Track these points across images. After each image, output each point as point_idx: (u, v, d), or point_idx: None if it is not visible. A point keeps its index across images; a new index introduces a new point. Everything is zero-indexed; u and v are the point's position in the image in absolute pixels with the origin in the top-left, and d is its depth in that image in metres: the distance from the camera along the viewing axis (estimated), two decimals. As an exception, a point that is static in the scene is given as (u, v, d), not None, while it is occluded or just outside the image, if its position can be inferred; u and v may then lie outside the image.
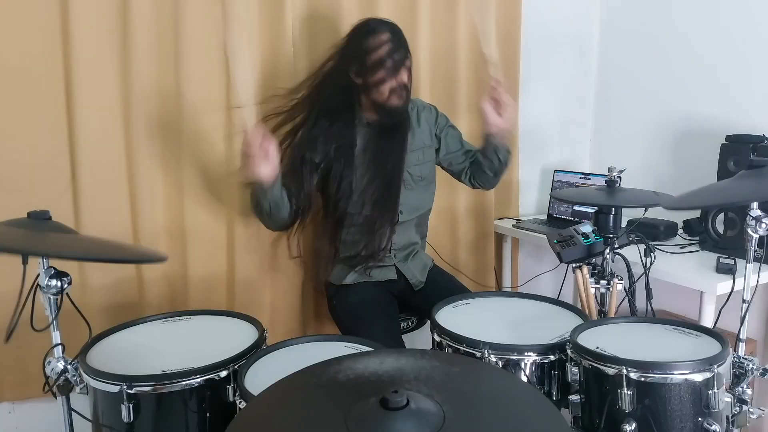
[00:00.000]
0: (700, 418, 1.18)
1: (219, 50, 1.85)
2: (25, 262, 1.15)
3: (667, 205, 1.44)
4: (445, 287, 1.94)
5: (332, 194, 1.84)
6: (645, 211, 1.70)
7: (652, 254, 1.77)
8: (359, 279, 1.89)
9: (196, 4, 1.80)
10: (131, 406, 1.22)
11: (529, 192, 2.76)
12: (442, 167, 2.05)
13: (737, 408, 1.29)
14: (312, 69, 1.88)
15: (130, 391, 1.22)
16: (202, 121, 1.86)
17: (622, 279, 1.74)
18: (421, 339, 2.13)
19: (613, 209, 1.69)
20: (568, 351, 1.33)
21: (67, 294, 1.24)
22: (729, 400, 1.24)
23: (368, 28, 1.77)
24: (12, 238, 1.12)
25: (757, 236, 1.34)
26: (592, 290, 1.72)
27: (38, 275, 1.22)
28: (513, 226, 2.50)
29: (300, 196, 1.79)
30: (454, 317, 1.58)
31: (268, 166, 1.60)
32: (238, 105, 1.58)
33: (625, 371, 1.19)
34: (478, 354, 1.36)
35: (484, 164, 1.90)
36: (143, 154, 1.81)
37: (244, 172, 1.64)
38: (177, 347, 1.43)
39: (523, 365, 1.37)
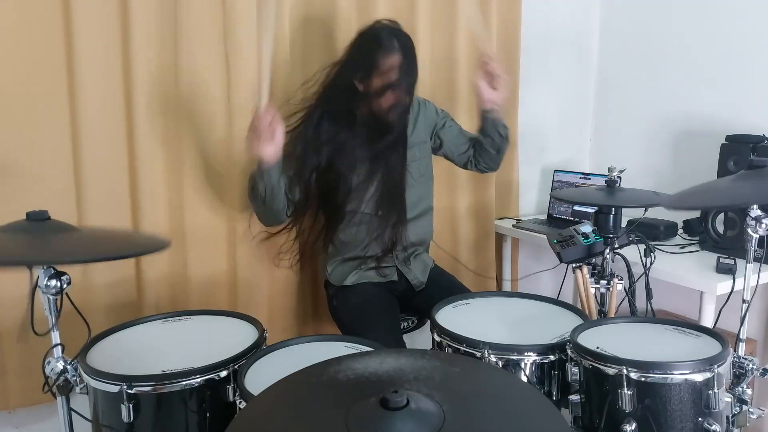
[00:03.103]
0: (700, 418, 1.18)
1: (220, 48, 1.85)
2: (30, 268, 1.15)
3: (665, 205, 1.44)
4: (445, 287, 1.94)
5: (330, 193, 1.84)
6: (645, 211, 1.70)
7: (652, 254, 1.77)
8: (360, 280, 1.89)
9: (196, 8, 1.81)
10: (131, 406, 1.22)
11: (529, 192, 2.76)
12: (447, 158, 2.07)
13: (737, 408, 1.29)
14: (321, 70, 1.87)
15: (130, 391, 1.21)
16: (204, 122, 1.87)
17: (622, 279, 1.74)
18: (421, 339, 2.13)
19: (613, 209, 1.69)
20: (568, 351, 1.33)
21: (66, 294, 1.23)
22: (729, 400, 1.24)
23: (380, 40, 1.74)
24: (13, 247, 1.12)
25: (757, 236, 1.34)
26: (592, 290, 1.72)
27: (37, 276, 1.22)
28: (513, 226, 2.50)
29: (297, 190, 1.80)
30: (454, 317, 1.58)
31: (272, 146, 1.62)
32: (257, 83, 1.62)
33: (625, 371, 1.19)
34: (478, 354, 1.36)
35: (486, 143, 1.93)
36: (145, 154, 1.81)
37: (248, 148, 1.66)
38: (177, 347, 1.42)
39: (523, 365, 1.37)
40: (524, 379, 1.36)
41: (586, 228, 1.73)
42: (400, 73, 1.74)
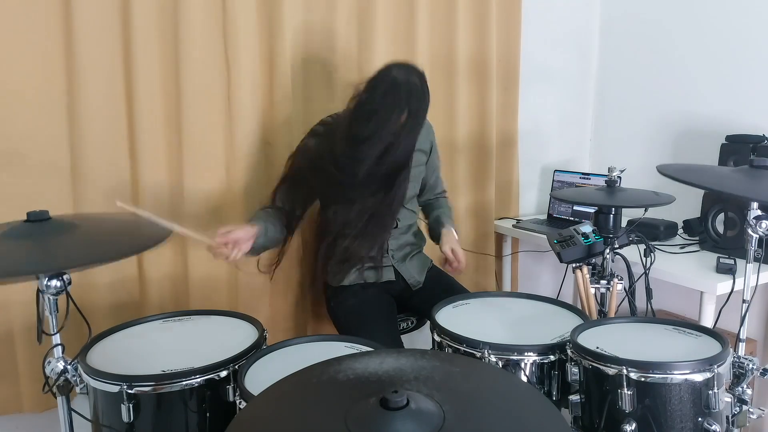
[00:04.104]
0: (700, 418, 1.18)
1: (220, 46, 1.85)
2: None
3: (662, 170, 1.43)
4: (444, 287, 1.93)
5: (333, 208, 1.83)
6: (645, 211, 1.70)
7: (652, 254, 1.77)
8: (357, 280, 1.89)
9: (196, 11, 1.81)
10: (131, 406, 1.22)
11: (529, 192, 2.76)
12: None
13: (737, 408, 1.29)
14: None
15: (130, 391, 1.22)
16: (204, 121, 1.86)
17: (622, 279, 1.74)
18: (421, 339, 2.12)
19: (613, 209, 1.69)
20: (568, 351, 1.33)
21: (67, 293, 1.23)
22: (729, 400, 1.24)
23: (397, 98, 1.65)
24: (17, 257, 1.11)
25: (757, 236, 1.34)
26: (592, 290, 1.72)
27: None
28: (513, 226, 2.50)
29: (299, 207, 1.82)
30: (454, 317, 1.58)
31: (243, 246, 1.62)
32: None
33: (625, 371, 1.19)
34: (478, 354, 1.36)
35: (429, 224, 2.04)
36: (146, 155, 1.80)
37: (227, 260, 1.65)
38: (177, 347, 1.43)
39: (523, 365, 1.37)
40: (524, 379, 1.36)
41: (586, 228, 1.73)
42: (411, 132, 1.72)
